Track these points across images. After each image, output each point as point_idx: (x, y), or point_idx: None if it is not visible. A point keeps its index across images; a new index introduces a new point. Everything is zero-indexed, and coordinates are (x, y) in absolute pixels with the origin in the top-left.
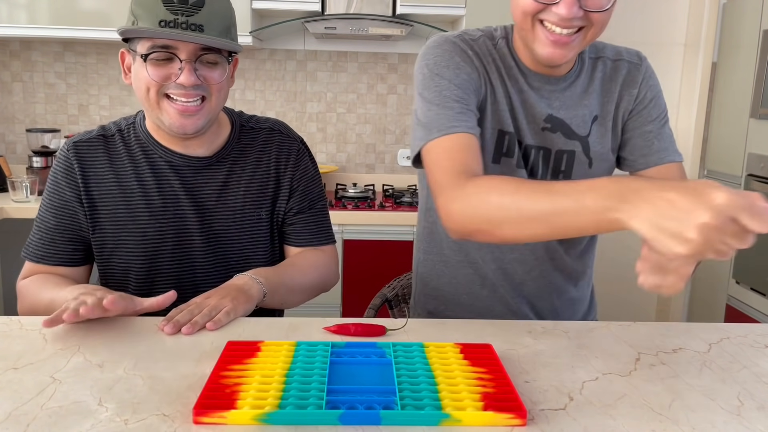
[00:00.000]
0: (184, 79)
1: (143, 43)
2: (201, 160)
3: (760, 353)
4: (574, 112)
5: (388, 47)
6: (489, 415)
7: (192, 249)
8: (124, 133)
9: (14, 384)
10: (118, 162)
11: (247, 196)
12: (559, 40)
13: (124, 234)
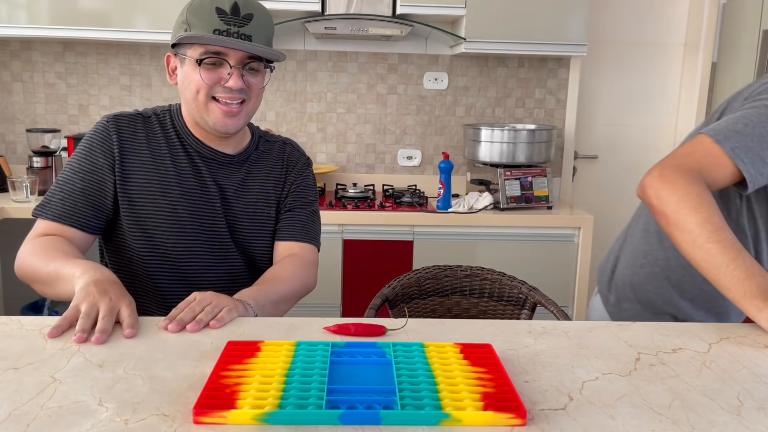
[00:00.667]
0: (233, 83)
1: (196, 49)
2: (227, 156)
3: (760, 353)
4: None
5: (388, 47)
6: (489, 415)
7: (213, 232)
8: (161, 117)
9: (14, 384)
10: (154, 141)
11: (261, 194)
12: None
13: (153, 207)
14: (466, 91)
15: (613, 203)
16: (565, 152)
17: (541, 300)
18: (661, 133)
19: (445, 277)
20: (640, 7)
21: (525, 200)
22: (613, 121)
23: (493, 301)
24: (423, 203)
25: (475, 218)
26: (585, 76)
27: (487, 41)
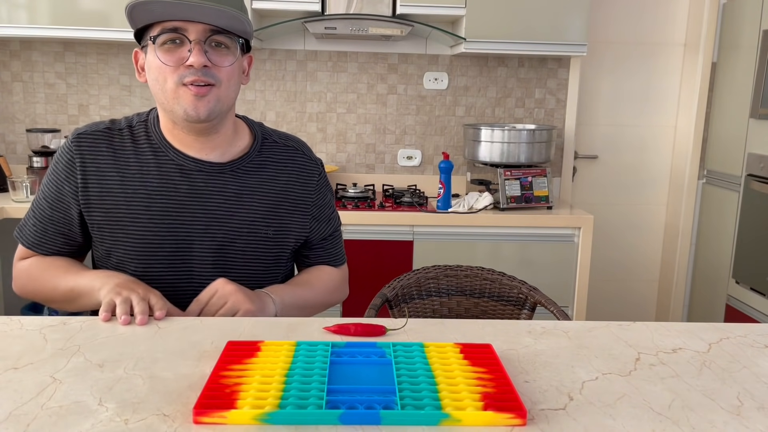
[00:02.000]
0: (194, 59)
1: (153, 29)
2: (214, 165)
3: (760, 353)
4: None
5: (388, 47)
6: (489, 415)
7: (191, 259)
8: (135, 129)
9: (14, 384)
10: (122, 159)
11: (258, 212)
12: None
13: (121, 234)
14: (466, 91)
15: (613, 203)
16: (565, 152)
17: (541, 300)
18: (661, 133)
19: (445, 277)
20: (640, 7)
21: (525, 200)
22: (613, 121)
23: (493, 301)
24: (423, 203)
25: (475, 218)
26: (585, 76)
27: (487, 41)
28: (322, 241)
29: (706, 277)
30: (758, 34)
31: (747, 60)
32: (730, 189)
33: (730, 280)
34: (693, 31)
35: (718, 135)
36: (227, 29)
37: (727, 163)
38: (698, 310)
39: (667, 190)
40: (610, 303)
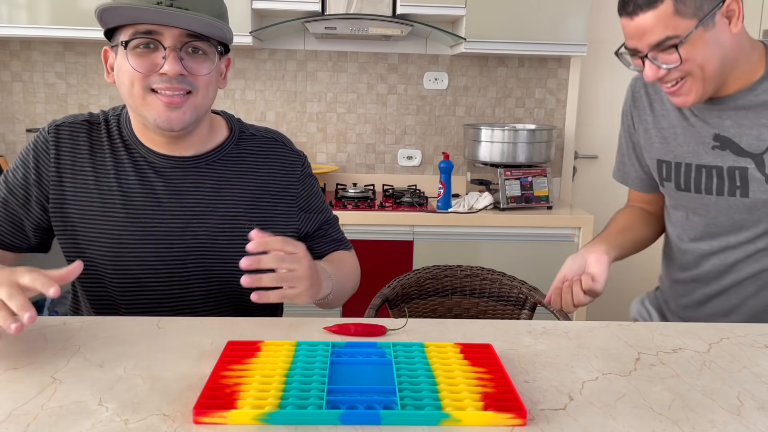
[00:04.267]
0: (168, 67)
1: (125, 31)
2: (187, 160)
3: (760, 353)
4: (748, 131)
5: (388, 47)
6: (489, 415)
7: (171, 259)
8: (110, 124)
9: (14, 384)
10: (99, 154)
11: (239, 206)
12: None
13: (95, 233)
14: (466, 91)
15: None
16: (565, 152)
17: (541, 300)
18: None
19: (445, 277)
20: None
21: (525, 200)
22: (613, 121)
23: (493, 301)
24: (423, 203)
25: (475, 218)
26: (585, 76)
27: (487, 41)
28: (320, 230)
29: None
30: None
31: None
32: None
33: None
34: None
35: None
36: (205, 35)
37: None
38: None
39: None
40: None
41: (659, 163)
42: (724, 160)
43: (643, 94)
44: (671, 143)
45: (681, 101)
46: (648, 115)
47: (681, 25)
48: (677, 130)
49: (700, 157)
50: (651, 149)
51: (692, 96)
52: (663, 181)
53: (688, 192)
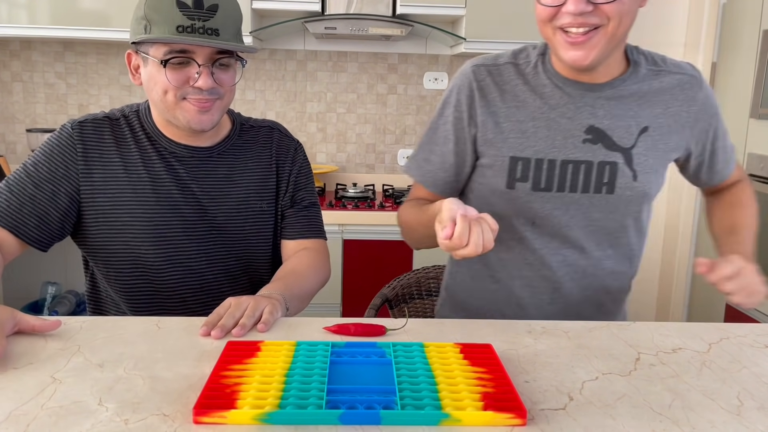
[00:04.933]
0: (202, 83)
1: (158, 47)
2: (203, 150)
3: (760, 353)
4: (619, 122)
5: (388, 47)
6: (489, 415)
7: (197, 236)
8: (130, 119)
9: (14, 384)
10: (124, 146)
11: (250, 188)
12: (576, 41)
13: (127, 218)
14: None
15: None
16: None
17: None
18: None
19: None
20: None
21: None
22: None
23: None
24: None
25: None
26: None
27: (487, 41)
28: (292, 209)
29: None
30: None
31: (747, 60)
32: None
33: None
34: (693, 31)
35: None
36: (234, 50)
37: None
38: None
39: (667, 190)
40: None
41: (513, 160)
42: (594, 155)
43: (491, 83)
44: (531, 138)
45: (582, 55)
46: (499, 106)
47: None
48: (539, 123)
49: (568, 152)
50: (503, 145)
51: (594, 53)
52: (515, 182)
53: (548, 191)
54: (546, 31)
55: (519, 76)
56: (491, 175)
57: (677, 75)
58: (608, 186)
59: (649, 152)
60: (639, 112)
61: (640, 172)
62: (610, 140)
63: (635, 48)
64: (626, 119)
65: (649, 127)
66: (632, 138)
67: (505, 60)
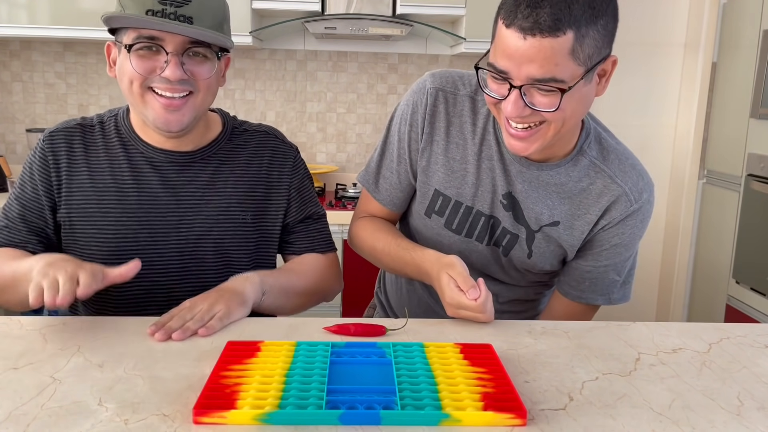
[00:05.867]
0: (170, 73)
1: (129, 33)
2: (184, 155)
3: (760, 353)
4: (533, 205)
5: (388, 47)
6: (489, 415)
7: (167, 251)
8: (105, 125)
9: (14, 384)
10: (93, 155)
11: (233, 197)
12: (517, 135)
13: (93, 230)
14: None
15: None
16: None
17: None
18: (661, 133)
19: None
20: (640, 7)
21: None
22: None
23: None
24: None
25: None
26: None
27: (487, 41)
28: (301, 224)
29: (706, 277)
30: (758, 34)
31: (747, 60)
32: (730, 189)
33: (730, 280)
34: (693, 31)
35: (718, 135)
36: (203, 40)
37: (727, 163)
38: (698, 310)
39: (667, 190)
40: None
41: (436, 193)
42: (503, 219)
43: (443, 111)
44: (459, 180)
45: (521, 147)
46: (442, 137)
47: (569, 69)
48: (470, 169)
49: (485, 206)
50: (431, 176)
51: (534, 147)
52: (432, 212)
53: (457, 234)
54: (493, 111)
55: (471, 114)
56: (418, 198)
57: (613, 185)
58: (504, 250)
59: (551, 244)
60: (556, 204)
61: (536, 254)
62: (520, 213)
63: (592, 135)
64: (541, 205)
65: (560, 223)
66: (539, 224)
67: (465, 92)
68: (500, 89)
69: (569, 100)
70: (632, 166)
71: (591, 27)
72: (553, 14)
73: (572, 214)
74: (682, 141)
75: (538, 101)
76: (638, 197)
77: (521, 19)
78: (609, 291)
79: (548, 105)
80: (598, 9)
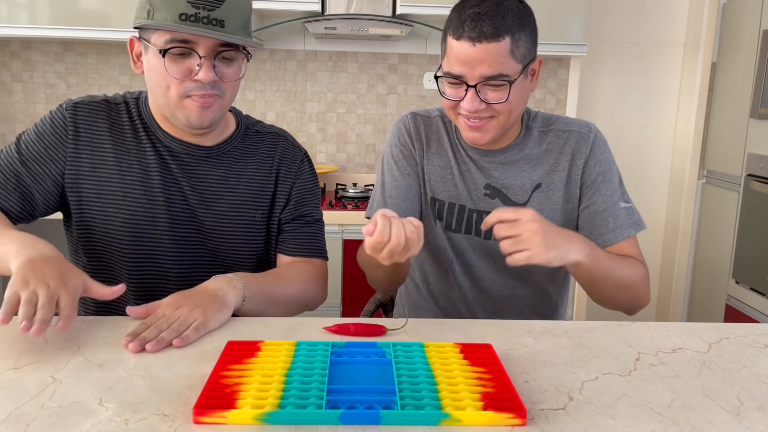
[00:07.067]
0: (203, 75)
1: (160, 35)
2: (202, 149)
3: (760, 353)
4: (513, 182)
5: (388, 47)
6: (489, 415)
7: (182, 237)
8: (130, 106)
9: (14, 384)
10: (118, 132)
11: (246, 195)
12: (474, 126)
13: (111, 209)
14: None
15: None
16: None
17: None
18: (661, 133)
19: None
20: (640, 7)
21: None
22: (613, 121)
23: None
24: None
25: None
26: (585, 76)
27: None
28: (292, 224)
29: (706, 277)
30: (758, 34)
31: (747, 60)
32: (730, 189)
33: (730, 280)
34: (693, 31)
35: (718, 135)
36: (239, 44)
37: (727, 163)
38: (698, 310)
39: (667, 190)
40: None
41: (433, 201)
42: (493, 208)
43: (423, 130)
44: (448, 183)
45: (478, 137)
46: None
47: (510, 66)
48: (454, 171)
49: (473, 203)
50: (427, 185)
51: (489, 135)
52: (435, 219)
53: (457, 233)
54: (451, 115)
55: (444, 129)
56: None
57: (565, 132)
58: None
59: (544, 206)
60: (531, 172)
61: None
62: (505, 196)
63: (534, 115)
64: (520, 179)
65: (541, 184)
66: (526, 194)
67: (436, 114)
68: (457, 92)
69: (514, 92)
70: (571, 118)
71: (522, 32)
72: (492, 24)
73: (547, 173)
74: (681, 141)
75: (490, 96)
76: (588, 130)
77: (468, 31)
78: (629, 218)
79: (498, 98)
80: (523, 20)
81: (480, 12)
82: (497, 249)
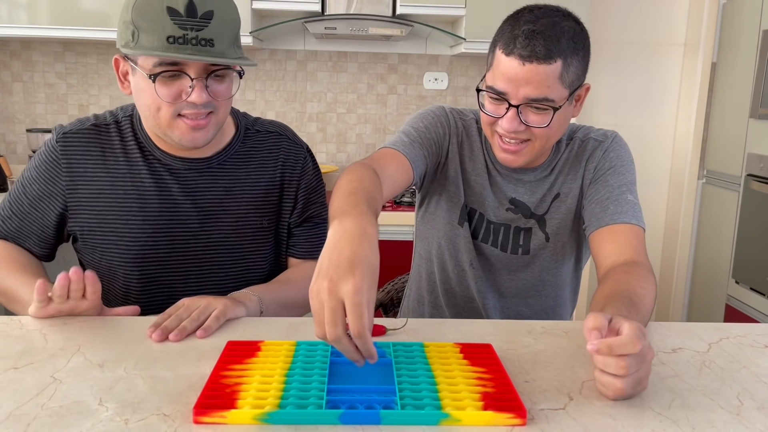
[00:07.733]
0: (196, 97)
1: (147, 58)
2: (201, 161)
3: (760, 353)
4: (537, 196)
5: (388, 47)
6: (489, 415)
7: (187, 257)
8: (122, 125)
9: (14, 384)
10: (111, 158)
11: (251, 203)
12: (508, 149)
13: (114, 237)
14: (466, 91)
15: None
16: None
17: None
18: (661, 133)
19: None
20: (640, 7)
21: None
22: (613, 121)
23: None
24: None
25: None
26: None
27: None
28: (302, 227)
29: (706, 277)
30: (758, 34)
31: (747, 60)
32: (729, 189)
33: (729, 280)
34: (693, 31)
35: (718, 135)
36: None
37: (726, 163)
38: (698, 310)
39: (667, 190)
40: None
41: (464, 206)
42: (514, 221)
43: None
44: (474, 188)
45: (511, 159)
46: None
47: (557, 91)
48: (484, 182)
49: (495, 214)
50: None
51: (523, 159)
52: (464, 221)
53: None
54: (487, 131)
55: (477, 134)
56: (447, 208)
57: (584, 141)
58: (523, 248)
59: (561, 215)
60: (552, 184)
61: (552, 234)
62: (528, 210)
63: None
64: (543, 192)
65: (560, 194)
66: (546, 205)
67: (471, 117)
68: (498, 109)
69: (557, 118)
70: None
71: (575, 57)
72: (546, 45)
73: (564, 182)
74: (681, 141)
75: (531, 119)
76: (604, 136)
77: (520, 48)
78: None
79: (540, 122)
80: (578, 44)
81: (535, 30)
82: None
